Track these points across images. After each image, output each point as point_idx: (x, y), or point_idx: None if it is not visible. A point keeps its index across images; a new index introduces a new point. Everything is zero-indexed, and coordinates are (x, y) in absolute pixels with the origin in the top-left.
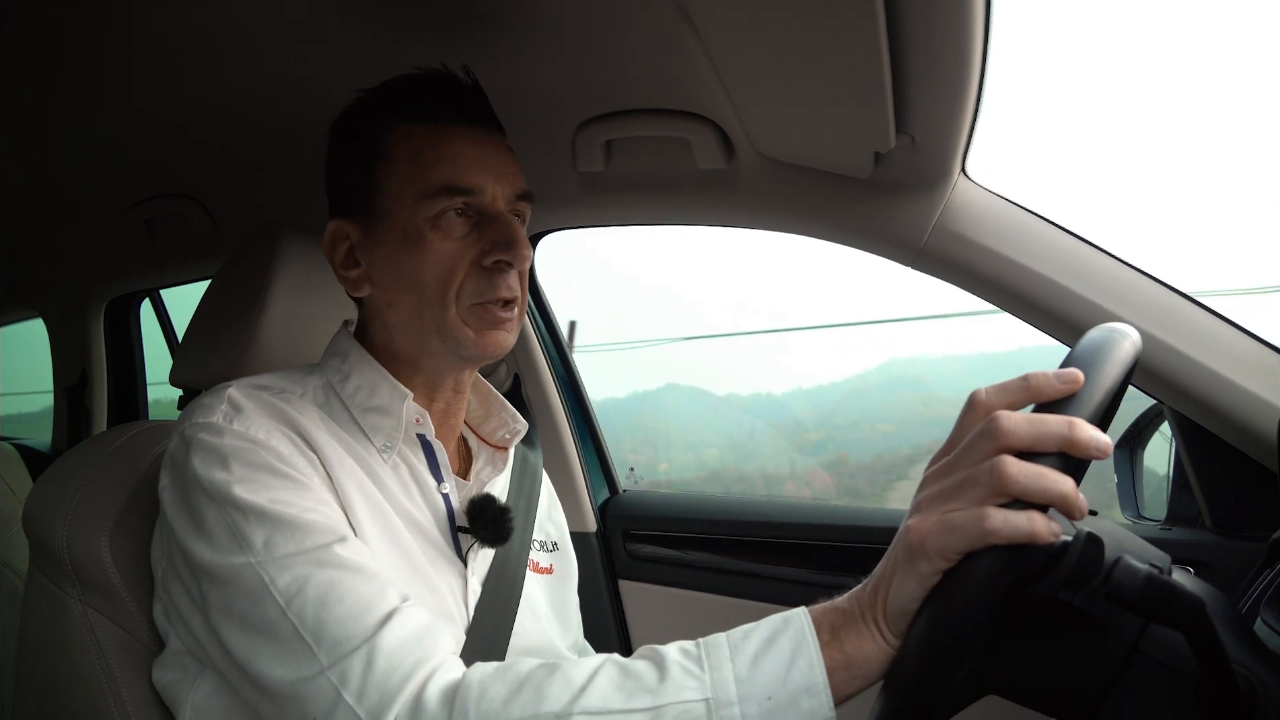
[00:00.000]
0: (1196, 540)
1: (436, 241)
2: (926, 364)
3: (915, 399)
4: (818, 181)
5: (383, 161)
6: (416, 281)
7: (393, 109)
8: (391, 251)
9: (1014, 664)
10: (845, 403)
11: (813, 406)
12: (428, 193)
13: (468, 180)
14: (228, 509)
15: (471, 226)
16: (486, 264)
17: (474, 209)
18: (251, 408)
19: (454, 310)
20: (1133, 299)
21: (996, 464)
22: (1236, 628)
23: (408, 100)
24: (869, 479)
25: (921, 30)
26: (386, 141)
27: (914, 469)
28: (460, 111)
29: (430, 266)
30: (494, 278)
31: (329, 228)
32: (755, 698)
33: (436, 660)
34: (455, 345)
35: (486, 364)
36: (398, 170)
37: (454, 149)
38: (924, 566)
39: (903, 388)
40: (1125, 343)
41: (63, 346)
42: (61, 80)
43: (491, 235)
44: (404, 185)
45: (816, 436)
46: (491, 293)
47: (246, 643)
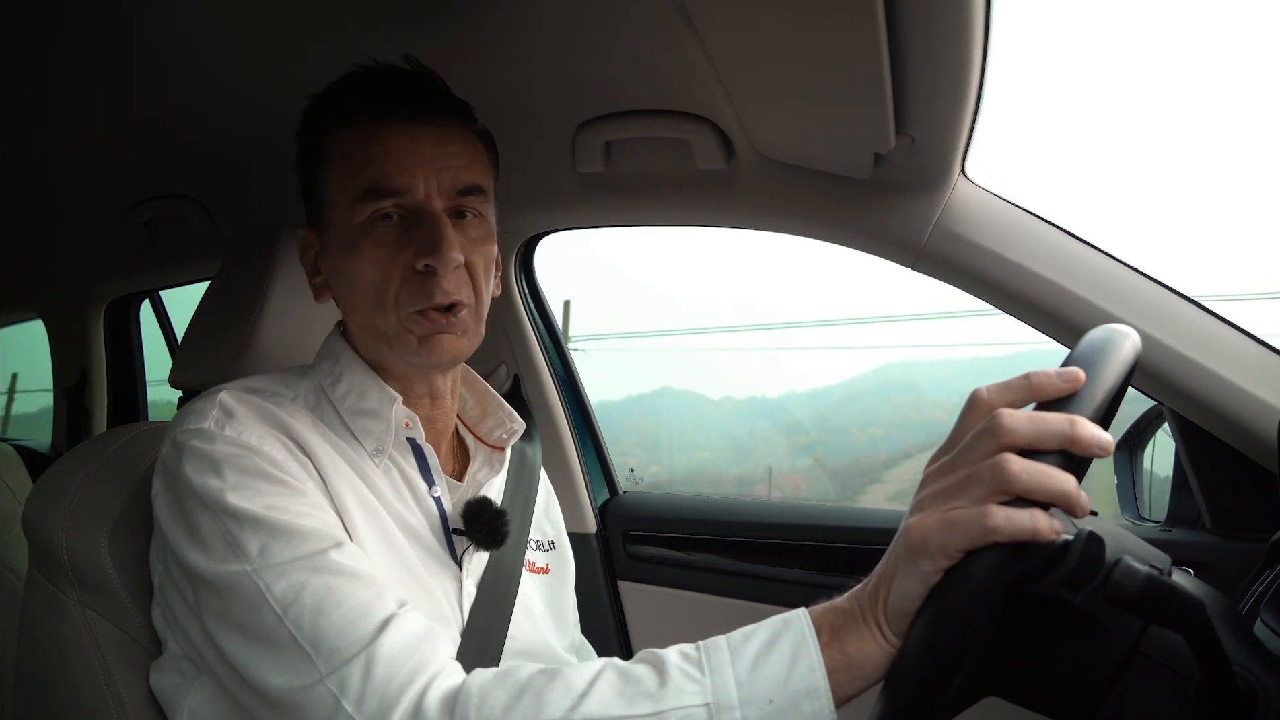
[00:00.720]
0: (1196, 541)
1: (368, 248)
2: (920, 368)
3: (906, 403)
4: (817, 182)
5: (323, 168)
6: (356, 289)
7: (331, 112)
8: (337, 260)
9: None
10: (838, 406)
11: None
12: (356, 197)
13: (393, 181)
14: (222, 516)
15: (403, 229)
16: (418, 268)
17: (406, 209)
18: (244, 412)
19: (394, 317)
20: (1132, 300)
21: (998, 461)
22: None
23: (342, 101)
24: (842, 482)
25: (921, 31)
26: (325, 148)
27: (888, 473)
28: (394, 106)
29: (367, 275)
30: (426, 283)
31: (299, 234)
32: (756, 701)
33: (436, 666)
34: (403, 353)
35: (448, 370)
36: (332, 176)
37: (382, 147)
38: (926, 564)
39: (895, 391)
40: (1126, 343)
41: (62, 347)
42: (61, 81)
43: (419, 238)
44: (338, 191)
45: (805, 440)
46: (424, 300)
47: (244, 650)
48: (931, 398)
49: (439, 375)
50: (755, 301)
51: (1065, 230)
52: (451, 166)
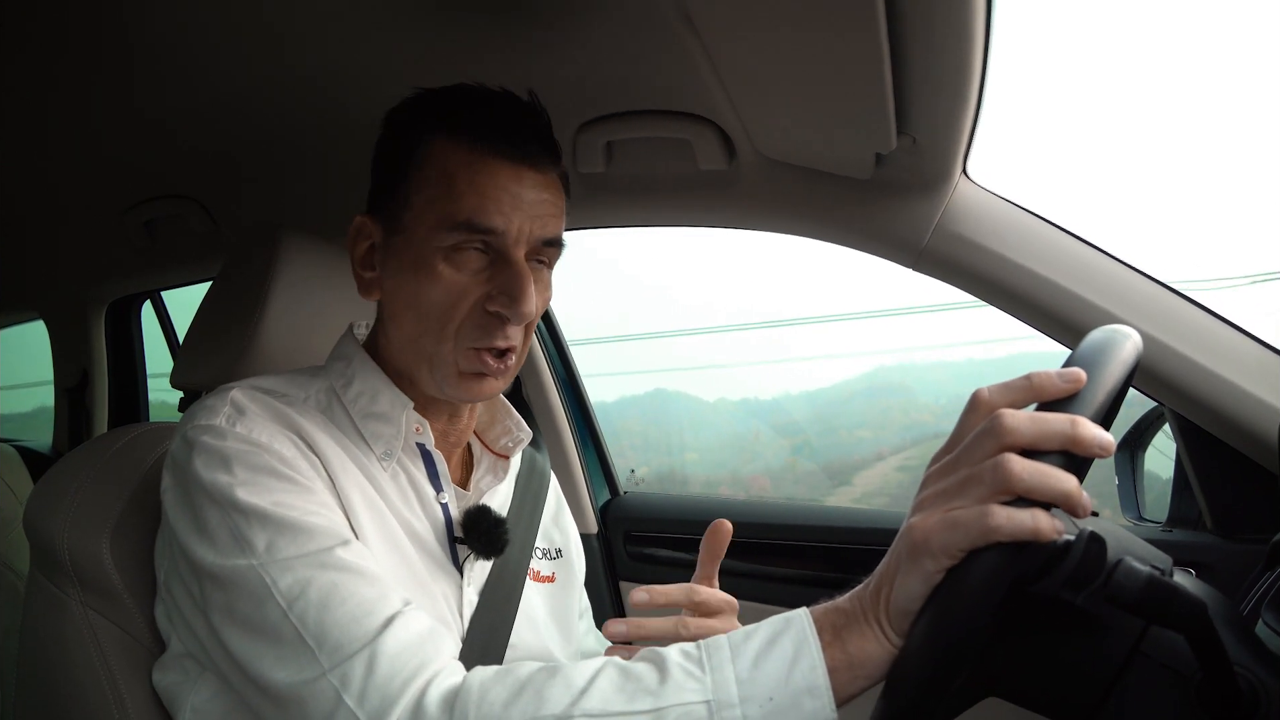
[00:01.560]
0: (1198, 542)
1: (447, 273)
2: (913, 370)
3: (895, 405)
4: (819, 182)
5: (415, 174)
6: (418, 307)
7: (438, 120)
8: (402, 269)
9: (1015, 665)
10: (828, 408)
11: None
12: (447, 223)
13: (490, 220)
14: (230, 511)
15: (487, 263)
16: (490, 309)
17: (493, 248)
18: (255, 410)
19: (450, 346)
20: (1134, 301)
21: (1000, 461)
22: (1238, 629)
23: (455, 115)
24: (811, 484)
25: (922, 31)
26: (422, 155)
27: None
28: (505, 138)
29: (435, 297)
30: (491, 325)
31: (355, 221)
32: (757, 699)
33: (438, 664)
34: (441, 381)
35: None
36: (426, 189)
37: (487, 180)
38: (928, 564)
39: (886, 394)
40: (1127, 344)
41: (64, 348)
42: (61, 81)
43: (501, 282)
44: (427, 207)
45: (792, 442)
46: (486, 340)
47: (248, 645)
48: (921, 400)
49: (461, 404)
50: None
51: (1067, 230)
52: (544, 216)
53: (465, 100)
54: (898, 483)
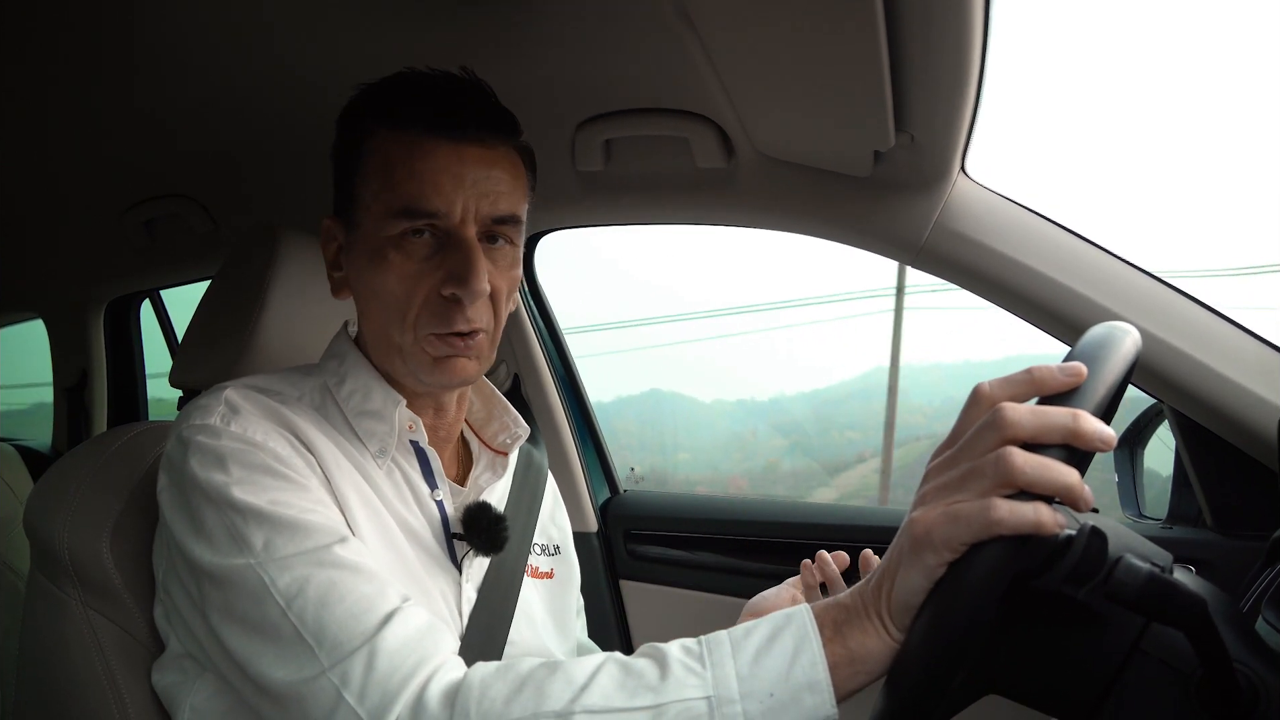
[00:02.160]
0: (1197, 539)
1: (398, 262)
2: (909, 372)
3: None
4: (817, 180)
5: (361, 171)
6: (379, 299)
7: (377, 112)
8: (362, 263)
9: (1015, 662)
10: (822, 409)
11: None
12: (390, 212)
13: (432, 203)
14: (226, 511)
15: (435, 248)
16: (444, 294)
17: (440, 230)
18: (249, 409)
19: (412, 336)
20: (1133, 297)
21: (1002, 455)
22: (1238, 626)
23: (392, 104)
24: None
25: (921, 29)
26: (366, 149)
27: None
28: (446, 120)
29: (390, 287)
30: (449, 310)
31: (324, 224)
32: (757, 695)
33: (438, 660)
34: (415, 368)
35: (453, 390)
36: (370, 182)
37: (427, 164)
38: (929, 558)
39: (879, 395)
40: (1127, 339)
41: (63, 347)
42: (61, 81)
43: (450, 265)
44: (373, 199)
45: (784, 443)
46: (445, 325)
47: (247, 644)
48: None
49: (444, 394)
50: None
51: (1065, 228)
52: (492, 193)
53: (402, 88)
54: (877, 484)
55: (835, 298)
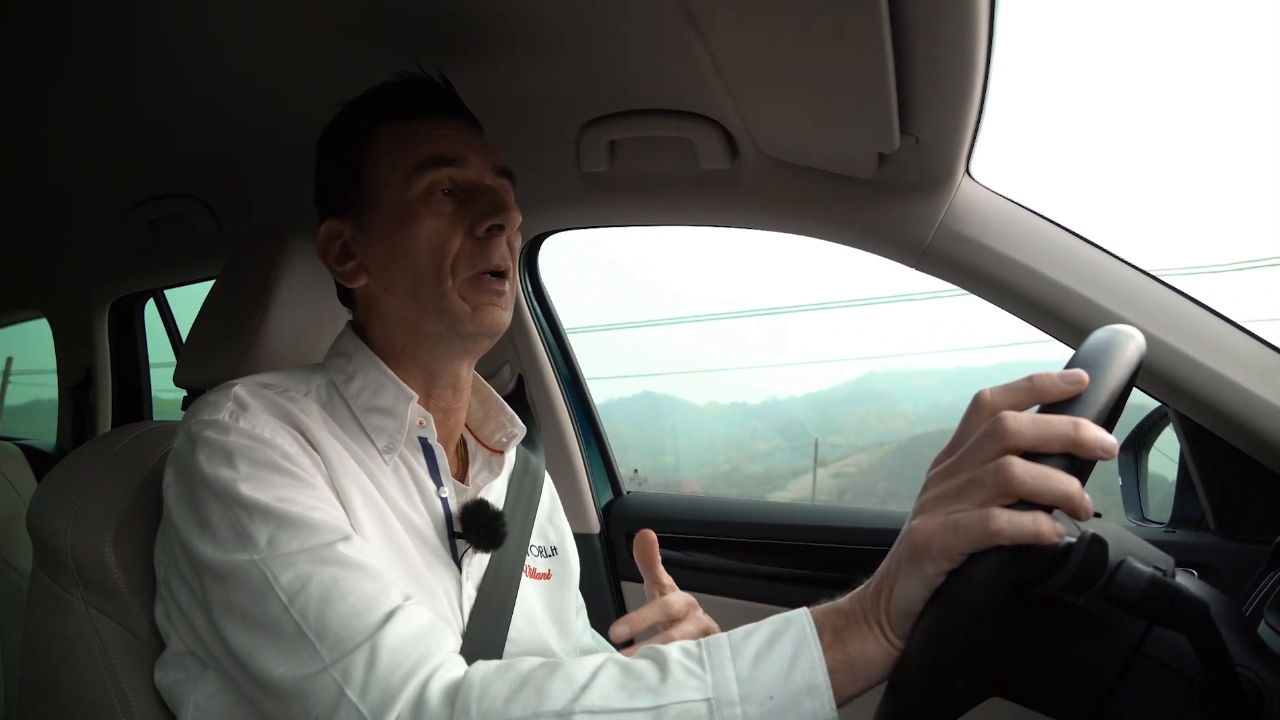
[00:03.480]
0: (1200, 543)
1: (429, 217)
2: (901, 377)
3: (872, 412)
4: (821, 182)
5: (371, 157)
6: (411, 259)
7: (374, 112)
8: (385, 235)
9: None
10: (809, 414)
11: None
12: (415, 167)
13: (453, 151)
14: (232, 506)
15: (459, 203)
16: (479, 233)
17: (460, 185)
18: (257, 405)
19: (450, 283)
20: (1137, 301)
21: (1002, 464)
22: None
23: (387, 103)
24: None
25: (926, 31)
26: (373, 140)
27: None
28: (438, 107)
29: (424, 241)
30: (487, 246)
31: (322, 229)
32: (757, 698)
33: (439, 658)
34: (452, 322)
35: (484, 349)
36: (384, 158)
37: (437, 131)
38: (928, 567)
39: (866, 401)
40: (1130, 344)
41: (67, 346)
42: (65, 80)
43: (481, 205)
44: (391, 169)
45: (765, 446)
46: (485, 262)
47: (249, 640)
48: (899, 407)
49: (467, 361)
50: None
51: (1070, 230)
52: (489, 150)
53: (393, 89)
54: (830, 489)
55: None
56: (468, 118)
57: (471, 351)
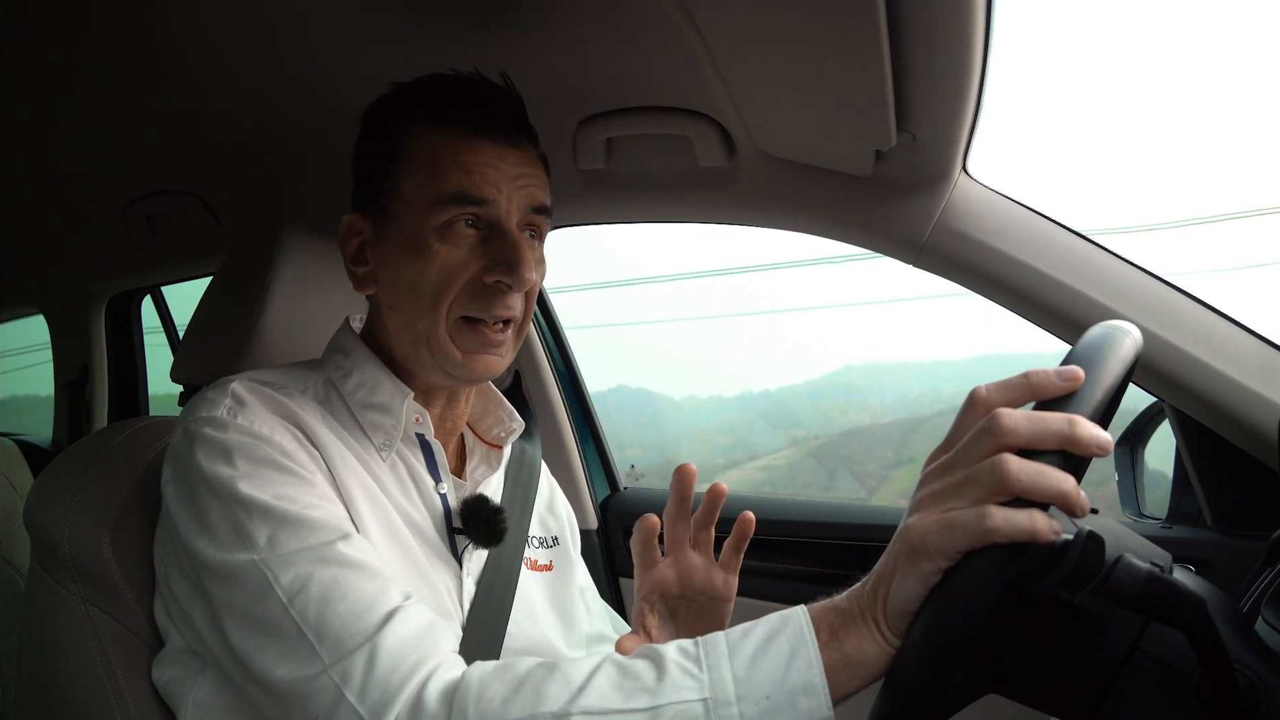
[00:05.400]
0: (1197, 539)
1: (442, 251)
2: (876, 370)
3: (836, 405)
4: (818, 179)
5: (400, 163)
6: (415, 289)
7: (419, 109)
8: (397, 256)
9: (1015, 662)
10: (777, 407)
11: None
12: (438, 200)
13: (481, 190)
14: (231, 505)
15: (480, 239)
16: (488, 281)
17: (484, 221)
18: (255, 402)
19: (444, 325)
20: (1134, 296)
21: (997, 462)
22: (1237, 626)
23: (435, 102)
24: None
25: (923, 28)
26: (407, 143)
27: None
28: (485, 119)
29: (430, 276)
30: (491, 296)
31: (344, 220)
32: (753, 697)
33: (437, 659)
34: (443, 361)
35: (477, 384)
36: (413, 175)
37: (472, 158)
38: (925, 565)
39: (835, 394)
40: (1126, 340)
41: (64, 342)
42: (63, 77)
43: (497, 253)
44: (416, 191)
45: (728, 440)
46: (485, 310)
47: (249, 640)
48: (865, 400)
49: (462, 387)
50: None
51: (1066, 227)
52: (530, 186)
53: (444, 88)
54: (756, 481)
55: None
56: (518, 132)
57: (462, 385)
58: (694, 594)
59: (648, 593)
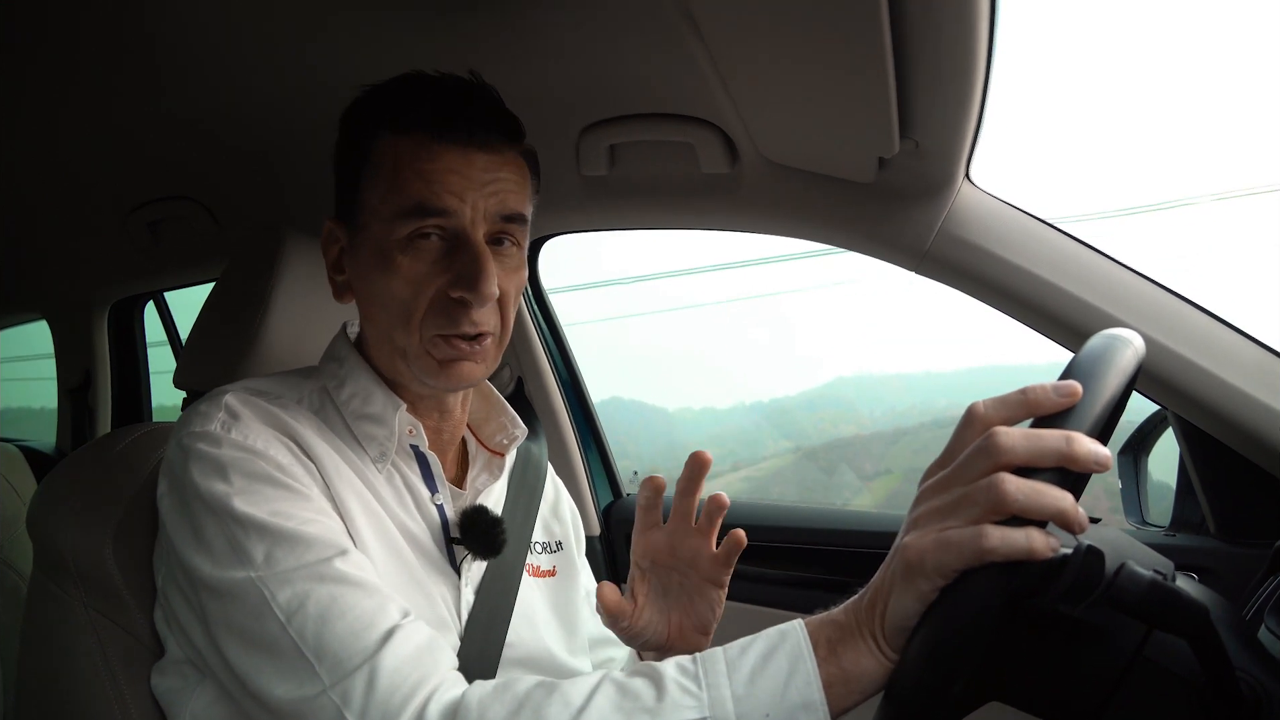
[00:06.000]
0: (1201, 547)
1: (405, 265)
2: (868, 382)
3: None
4: (821, 186)
5: (367, 172)
6: (384, 302)
7: (384, 115)
8: (367, 267)
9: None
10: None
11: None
12: (400, 212)
13: (442, 200)
14: (227, 522)
15: (444, 251)
16: (453, 295)
17: (449, 232)
18: (249, 415)
19: (417, 339)
20: (1137, 304)
21: (994, 482)
22: (1240, 634)
23: (400, 107)
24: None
25: (926, 35)
26: (373, 151)
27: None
28: (452, 124)
29: (396, 290)
30: (455, 312)
31: (325, 226)
32: (753, 715)
33: (438, 679)
34: (420, 373)
35: (458, 392)
36: (378, 185)
37: (436, 165)
38: (922, 584)
39: (826, 405)
40: (1127, 350)
41: (67, 348)
42: (65, 83)
43: (459, 266)
44: (381, 202)
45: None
46: (452, 327)
47: (247, 659)
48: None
49: (449, 395)
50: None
51: (1070, 235)
52: (499, 192)
53: (407, 92)
54: (735, 491)
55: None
56: (490, 133)
57: (444, 393)
58: (684, 568)
59: (640, 555)
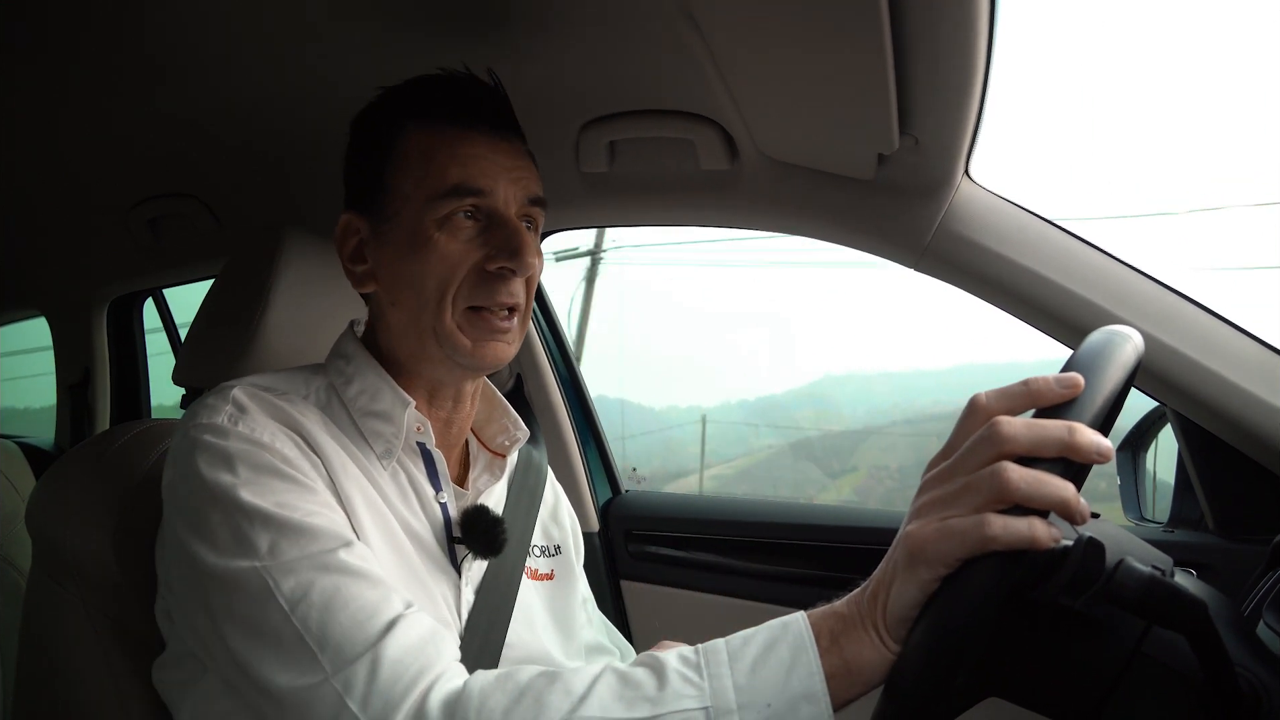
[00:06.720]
0: (1199, 543)
1: (442, 242)
2: (855, 380)
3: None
4: (821, 182)
5: (396, 163)
6: (418, 283)
7: (409, 110)
8: (397, 252)
9: (1016, 666)
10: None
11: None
12: (437, 193)
13: (478, 181)
14: (232, 512)
15: (480, 230)
16: (490, 269)
17: (483, 212)
18: (256, 409)
19: (450, 315)
20: (1135, 301)
21: (997, 470)
22: (1239, 630)
23: (425, 102)
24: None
25: (926, 32)
26: (401, 143)
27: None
28: (477, 115)
29: (433, 267)
30: (494, 283)
31: (341, 220)
32: (755, 705)
33: (439, 668)
34: (452, 351)
35: (486, 374)
36: (410, 172)
37: (468, 151)
38: (924, 573)
39: (810, 403)
40: (1127, 346)
41: (66, 345)
42: (67, 80)
43: (498, 240)
44: (415, 187)
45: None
46: (490, 297)
47: (250, 647)
48: (839, 410)
49: (470, 379)
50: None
51: (1068, 231)
52: (524, 178)
53: (432, 88)
54: (710, 489)
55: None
56: (508, 128)
57: (473, 376)
58: None
59: None
